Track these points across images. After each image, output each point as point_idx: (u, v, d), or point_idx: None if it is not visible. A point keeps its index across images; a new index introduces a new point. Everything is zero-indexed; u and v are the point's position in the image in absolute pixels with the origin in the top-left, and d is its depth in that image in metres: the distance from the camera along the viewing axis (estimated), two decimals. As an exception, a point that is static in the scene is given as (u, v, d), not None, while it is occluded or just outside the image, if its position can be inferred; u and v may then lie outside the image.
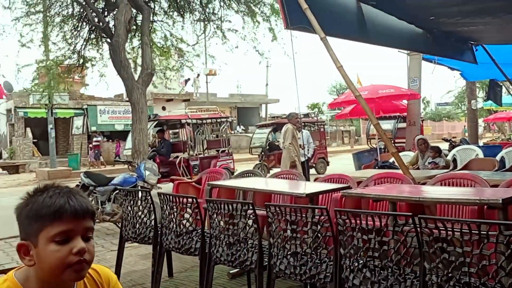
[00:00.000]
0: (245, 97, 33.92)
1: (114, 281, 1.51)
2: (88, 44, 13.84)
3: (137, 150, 10.01)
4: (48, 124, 18.69)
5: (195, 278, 4.55)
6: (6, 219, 9.10)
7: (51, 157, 18.81)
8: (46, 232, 1.28)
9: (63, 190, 1.33)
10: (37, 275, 1.31)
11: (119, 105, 24.62)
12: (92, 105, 23.70)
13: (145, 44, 10.78)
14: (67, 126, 24.78)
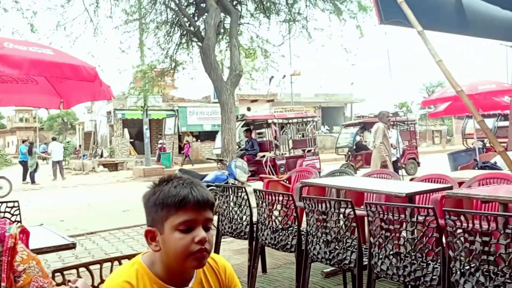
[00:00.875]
0: (329, 96, 33.52)
1: (229, 269, 1.56)
2: (179, 48, 14.51)
3: (226, 149, 10.31)
4: (143, 125, 19.87)
5: (288, 275, 4.58)
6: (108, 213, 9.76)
7: (146, 155, 19.98)
8: (171, 220, 1.35)
9: (186, 181, 1.40)
10: (162, 260, 1.39)
11: (207, 107, 25.53)
12: (182, 106, 24.82)
13: (233, 46, 11.08)
14: (160, 127, 26.17)
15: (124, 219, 8.38)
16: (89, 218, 8.83)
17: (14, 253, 0.98)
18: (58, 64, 3.24)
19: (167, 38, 14.35)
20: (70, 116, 46.15)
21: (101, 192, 13.89)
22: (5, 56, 2.99)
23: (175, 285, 1.39)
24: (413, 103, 42.46)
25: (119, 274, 1.37)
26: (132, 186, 15.31)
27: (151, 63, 15.31)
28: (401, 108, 36.30)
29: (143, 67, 15.73)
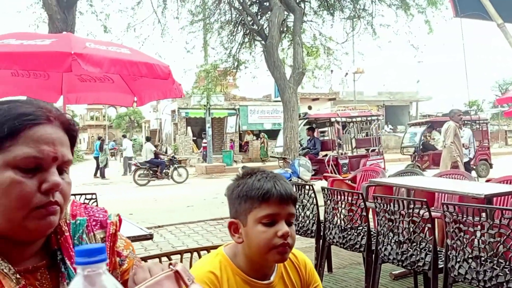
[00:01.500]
0: (393, 95, 32.53)
1: (310, 265, 1.54)
2: (242, 47, 14.68)
3: (289, 147, 10.30)
4: (206, 123, 20.32)
5: (355, 275, 4.49)
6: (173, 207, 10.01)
7: (208, 153, 20.41)
8: (254, 213, 1.35)
9: (269, 175, 1.39)
10: (244, 252, 1.40)
11: (267, 105, 25.66)
12: (243, 105, 25.11)
13: (296, 44, 11.04)
14: (221, 125, 26.65)
15: (189, 214, 8.61)
16: (156, 212, 9.14)
17: (115, 239, 1.02)
18: (135, 62, 3.38)
19: (230, 38, 14.57)
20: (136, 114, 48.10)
21: (166, 187, 14.35)
22: (87, 55, 3.16)
23: (257, 278, 1.40)
24: (484, 102, 40.24)
25: (204, 265, 1.40)
26: (195, 183, 15.69)
27: (215, 63, 15.62)
28: (471, 106, 34.51)
29: (206, 66, 16.08)
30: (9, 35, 3.45)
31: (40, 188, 0.83)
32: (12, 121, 0.84)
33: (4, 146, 0.83)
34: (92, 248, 0.57)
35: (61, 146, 0.87)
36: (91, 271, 0.56)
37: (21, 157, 0.82)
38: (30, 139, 0.84)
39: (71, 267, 0.91)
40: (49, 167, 0.85)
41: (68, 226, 0.97)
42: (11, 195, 0.81)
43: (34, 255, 0.91)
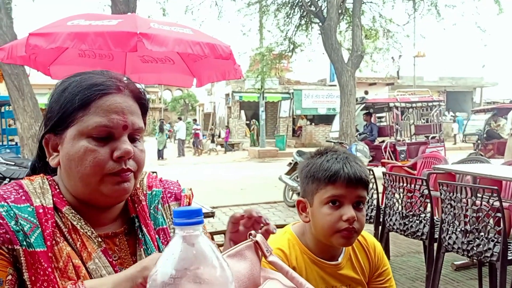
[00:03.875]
0: (456, 80, 31.02)
1: (379, 248, 1.50)
2: (298, 30, 14.48)
3: (345, 132, 10.12)
4: (259, 107, 20.35)
5: (414, 264, 4.37)
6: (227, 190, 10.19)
7: (261, 137, 20.49)
8: (320, 194, 1.32)
9: (340, 155, 1.35)
10: (311, 232, 1.38)
11: (322, 89, 25.29)
12: (297, 89, 24.88)
13: (355, 25, 10.75)
14: (275, 110, 26.61)
15: (242, 197, 8.72)
16: (210, 194, 9.33)
17: None
18: (197, 42, 3.41)
19: (286, 20, 14.40)
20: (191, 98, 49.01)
21: (220, 170, 14.58)
22: (152, 35, 3.22)
23: (324, 258, 1.37)
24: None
25: (272, 242, 1.38)
26: (248, 166, 15.83)
27: (270, 46, 15.55)
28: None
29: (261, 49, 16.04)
30: (78, 16, 3.57)
31: (112, 156, 0.86)
32: (83, 92, 0.87)
33: (78, 117, 0.86)
34: (191, 210, 0.57)
35: (130, 115, 0.89)
36: (189, 232, 0.56)
37: (93, 126, 0.85)
38: (100, 108, 0.86)
39: (147, 234, 0.94)
40: (120, 135, 0.88)
41: (145, 196, 1.00)
42: (86, 162, 0.85)
43: (113, 221, 0.95)
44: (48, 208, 0.85)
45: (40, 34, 3.20)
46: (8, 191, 0.86)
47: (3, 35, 6.87)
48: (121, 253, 0.92)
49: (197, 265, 0.55)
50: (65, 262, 0.82)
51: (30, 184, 0.89)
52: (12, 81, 6.93)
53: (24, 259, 0.79)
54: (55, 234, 0.83)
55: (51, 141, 0.91)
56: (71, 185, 0.89)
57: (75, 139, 0.86)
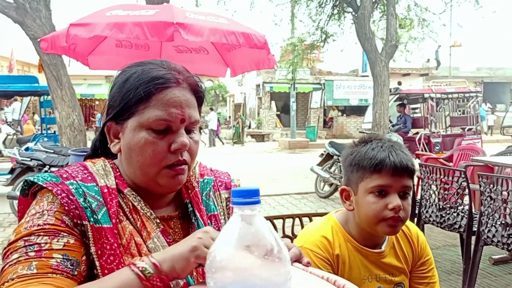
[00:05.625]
0: (494, 70, 29.98)
1: (422, 238, 1.48)
2: (331, 19, 14.28)
3: (378, 124, 9.96)
4: (290, 98, 20.27)
5: (449, 257, 4.30)
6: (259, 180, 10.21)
7: (291, 128, 20.42)
8: (365, 183, 1.31)
9: (385, 144, 1.33)
10: (355, 220, 1.37)
11: (354, 80, 24.94)
12: (329, 80, 24.62)
13: (390, 14, 10.51)
14: (306, 100, 26.43)
15: (273, 187, 8.72)
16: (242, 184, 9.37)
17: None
18: (232, 32, 3.42)
19: (318, 10, 14.21)
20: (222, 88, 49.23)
21: (250, 160, 14.64)
22: (188, 25, 3.25)
23: (368, 246, 1.37)
24: None
25: (316, 229, 1.39)
26: (278, 157, 15.83)
27: (301, 36, 15.42)
28: None
29: (293, 40, 15.93)
30: (117, 6, 3.64)
31: (170, 148, 0.90)
32: (145, 85, 0.90)
33: (139, 109, 0.90)
34: (249, 190, 0.58)
35: (188, 108, 0.92)
36: (247, 211, 0.57)
37: (153, 119, 0.89)
38: (160, 102, 0.89)
39: (200, 219, 0.98)
40: (178, 128, 0.91)
41: (197, 183, 1.05)
42: (145, 153, 0.89)
43: (168, 205, 1.00)
44: (111, 188, 0.90)
45: (80, 24, 3.28)
46: (75, 171, 0.91)
47: (42, 26, 7.07)
48: (175, 235, 0.96)
49: (257, 243, 0.56)
50: (128, 239, 0.86)
51: (93, 166, 0.94)
52: (51, 71, 7.14)
53: (91, 234, 0.83)
54: (118, 213, 0.88)
55: (113, 129, 0.96)
56: (130, 171, 0.94)
57: (135, 130, 0.90)
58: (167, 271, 0.76)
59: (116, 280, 0.75)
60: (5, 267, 0.78)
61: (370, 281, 1.35)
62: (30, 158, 6.21)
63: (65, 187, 0.85)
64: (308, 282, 0.71)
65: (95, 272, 0.82)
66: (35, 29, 7.01)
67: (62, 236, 0.81)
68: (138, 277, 0.75)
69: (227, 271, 0.55)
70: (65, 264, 0.79)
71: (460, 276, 3.55)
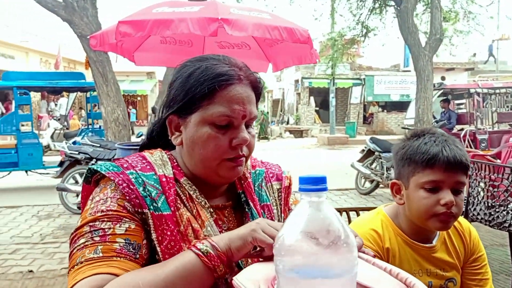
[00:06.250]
0: (544, 64, 28.68)
1: (474, 234, 1.45)
2: (372, 13, 14.03)
3: (421, 119, 9.73)
4: (330, 94, 20.09)
5: (497, 256, 4.17)
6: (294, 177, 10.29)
7: (330, 124, 20.24)
8: (417, 178, 1.29)
9: (439, 138, 1.30)
10: (405, 214, 1.36)
11: (395, 75, 24.41)
12: (369, 75, 24.21)
13: (435, 7, 10.21)
14: (345, 96, 26.11)
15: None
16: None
17: (289, 191, 1.12)
18: (276, 26, 3.43)
19: (359, 4, 14.00)
20: (260, 84, 49.36)
21: (289, 156, 14.62)
22: (233, 20, 3.29)
23: (418, 240, 1.35)
24: None
25: (365, 223, 1.39)
26: (317, 153, 15.73)
27: (342, 31, 15.23)
28: None
29: (333, 34, 15.76)
30: (163, 3, 3.73)
31: (231, 143, 0.93)
32: (210, 81, 0.92)
33: (203, 104, 0.93)
34: (316, 177, 0.60)
35: (249, 104, 0.95)
36: (314, 198, 0.59)
37: (217, 115, 0.92)
38: (224, 98, 0.93)
39: (254, 208, 1.01)
40: (239, 124, 0.94)
41: (249, 174, 1.07)
42: (208, 148, 0.93)
43: (221, 195, 1.03)
44: (169, 177, 0.94)
45: (129, 21, 3.38)
46: (134, 161, 0.96)
47: (89, 24, 7.31)
48: (229, 224, 0.99)
49: (325, 229, 0.57)
50: (186, 226, 0.90)
51: (151, 156, 0.99)
52: (97, 68, 7.37)
53: (152, 222, 0.87)
54: (176, 200, 0.92)
55: (174, 122, 0.99)
56: (191, 163, 0.98)
57: (199, 125, 0.93)
58: (224, 249, 0.80)
59: (177, 262, 0.79)
60: (73, 251, 0.84)
61: (420, 275, 1.33)
62: (78, 152, 6.46)
63: (125, 177, 0.90)
64: (370, 272, 0.72)
65: (157, 258, 0.86)
66: (83, 27, 7.26)
67: (124, 222, 0.85)
68: (197, 255, 0.79)
69: (296, 255, 0.57)
70: (128, 248, 0.83)
71: (509, 277, 3.45)
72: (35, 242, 4.95)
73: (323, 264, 0.56)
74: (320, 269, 0.56)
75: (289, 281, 0.57)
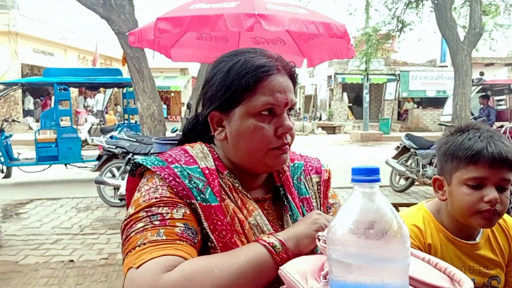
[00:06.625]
0: None
1: None
2: (408, 7, 13.75)
3: (458, 116, 9.50)
4: (363, 89, 19.79)
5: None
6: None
7: (364, 120, 19.95)
8: (460, 174, 1.27)
9: (484, 133, 1.27)
10: (448, 210, 1.34)
11: (432, 71, 23.84)
12: (404, 70, 23.73)
13: (474, 0, 9.93)
14: (379, 92, 25.69)
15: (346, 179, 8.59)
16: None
17: (328, 185, 1.12)
18: (312, 21, 3.43)
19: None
20: (292, 80, 49.16)
21: (322, 152, 14.54)
22: (269, 15, 3.30)
23: (461, 237, 1.33)
24: None
25: (406, 218, 1.38)
26: (350, 150, 15.56)
27: (376, 25, 14.99)
28: None
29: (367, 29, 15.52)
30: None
31: (276, 132, 0.95)
32: (251, 73, 0.94)
33: (246, 97, 0.94)
34: (370, 168, 0.60)
35: (290, 93, 0.96)
36: (367, 189, 0.60)
37: (261, 105, 0.93)
38: (266, 88, 0.94)
39: (292, 202, 1.01)
40: (282, 112, 0.95)
41: (288, 168, 1.08)
42: (255, 139, 0.94)
43: (260, 188, 1.04)
44: (212, 169, 0.96)
45: (167, 18, 3.44)
46: (178, 155, 0.98)
47: (126, 21, 7.47)
48: (268, 216, 0.99)
49: (379, 219, 0.58)
50: (232, 216, 0.91)
51: (192, 149, 1.01)
52: (133, 64, 7.53)
53: (201, 211, 0.89)
54: (220, 192, 0.94)
55: (216, 118, 1.00)
56: (236, 156, 0.99)
57: (244, 117, 0.95)
58: (292, 249, 0.83)
59: (248, 253, 0.81)
60: (130, 234, 0.85)
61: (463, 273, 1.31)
62: (115, 146, 6.62)
63: (171, 171, 0.92)
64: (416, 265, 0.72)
65: (210, 245, 0.88)
66: (120, 24, 7.42)
67: (179, 207, 0.88)
68: (268, 251, 0.81)
69: (348, 245, 0.58)
70: (188, 233, 0.85)
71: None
72: (74, 233, 5.13)
73: (375, 254, 0.56)
74: (373, 258, 0.56)
75: (342, 270, 0.58)
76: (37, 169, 8.54)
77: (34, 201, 6.77)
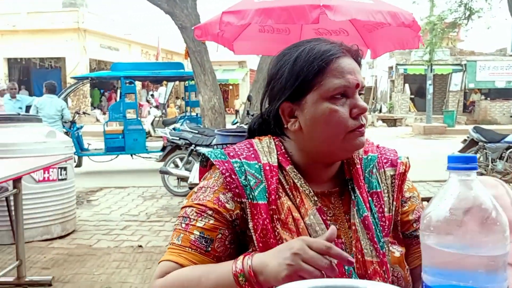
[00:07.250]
0: None
1: None
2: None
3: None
4: (427, 81, 19.09)
5: None
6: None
7: (427, 112, 19.26)
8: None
9: None
10: None
11: (502, 60, 22.50)
12: (471, 60, 22.58)
13: (552, -16, 9.24)
14: (444, 83, 24.63)
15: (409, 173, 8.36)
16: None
17: (404, 178, 1.06)
18: (379, 10, 3.36)
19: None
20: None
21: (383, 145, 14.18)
22: (335, 6, 3.27)
23: None
24: None
25: None
26: (412, 143, 15.09)
27: (442, 14, 14.38)
28: None
29: (432, 18, 14.93)
30: (264, -8, 3.79)
31: (351, 114, 0.94)
32: (319, 58, 0.94)
33: (316, 82, 0.94)
34: (467, 156, 0.60)
35: (358, 74, 0.96)
36: (464, 177, 0.60)
37: (333, 88, 0.93)
38: (336, 71, 0.93)
39: (360, 196, 0.99)
40: (353, 93, 0.95)
41: (360, 160, 1.04)
42: (331, 123, 0.93)
43: (328, 181, 1.03)
44: (273, 166, 0.96)
45: (232, 11, 3.50)
46: (241, 149, 1.00)
47: (188, 15, 7.67)
48: (335, 210, 0.99)
49: (477, 206, 0.58)
50: (286, 214, 0.92)
51: (259, 143, 1.01)
52: (195, 58, 7.72)
53: (249, 210, 0.92)
54: (278, 189, 0.94)
55: (287, 110, 1.00)
56: (313, 144, 0.98)
57: (317, 103, 0.94)
58: (262, 282, 0.81)
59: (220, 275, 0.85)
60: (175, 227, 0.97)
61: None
62: (179, 137, 6.84)
63: (229, 166, 0.95)
64: None
65: (252, 244, 0.92)
66: (183, 18, 7.63)
67: (205, 216, 0.92)
68: (234, 280, 0.82)
69: (445, 231, 0.58)
70: (200, 241, 0.91)
71: None
72: (142, 220, 5.37)
73: (474, 241, 0.56)
74: (471, 246, 0.56)
75: (437, 257, 0.59)
76: (106, 159, 9.01)
77: (103, 189, 7.15)
